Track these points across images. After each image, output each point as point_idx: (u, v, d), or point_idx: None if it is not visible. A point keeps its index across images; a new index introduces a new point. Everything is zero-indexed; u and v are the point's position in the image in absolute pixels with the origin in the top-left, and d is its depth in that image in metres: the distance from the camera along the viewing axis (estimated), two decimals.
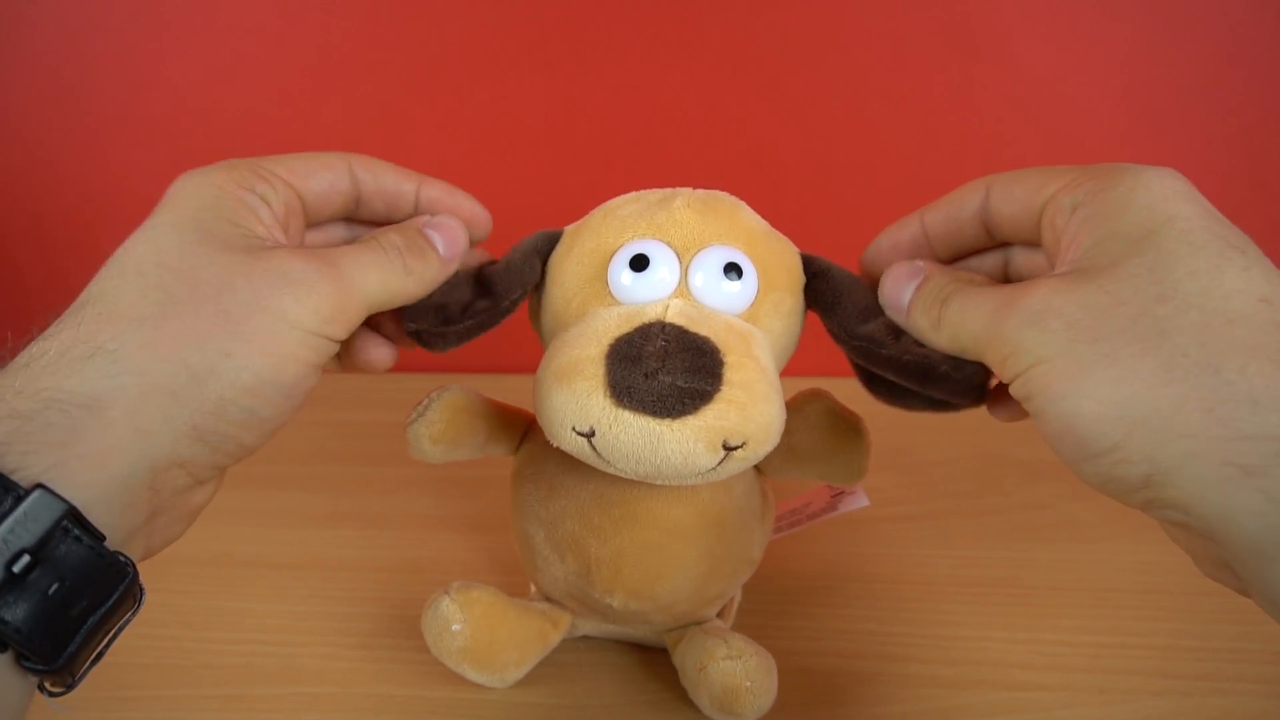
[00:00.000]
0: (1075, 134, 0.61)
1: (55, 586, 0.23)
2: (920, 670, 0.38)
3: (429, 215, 0.33)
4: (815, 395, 0.34)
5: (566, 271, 0.32)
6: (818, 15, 0.59)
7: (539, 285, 0.33)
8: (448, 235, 0.32)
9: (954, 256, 0.33)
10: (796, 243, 0.33)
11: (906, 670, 0.38)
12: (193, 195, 0.29)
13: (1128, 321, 0.24)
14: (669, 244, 0.30)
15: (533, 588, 0.39)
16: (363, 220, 0.34)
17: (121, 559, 0.24)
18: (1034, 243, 0.30)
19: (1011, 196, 0.30)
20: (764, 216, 0.33)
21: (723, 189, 0.33)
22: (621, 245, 0.31)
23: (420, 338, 0.33)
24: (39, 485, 0.22)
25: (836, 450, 0.34)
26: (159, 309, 0.26)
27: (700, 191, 0.32)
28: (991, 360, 0.27)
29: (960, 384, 0.29)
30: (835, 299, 0.31)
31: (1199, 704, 0.36)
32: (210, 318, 0.26)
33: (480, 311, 0.32)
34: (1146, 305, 0.24)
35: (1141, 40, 0.58)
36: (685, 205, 0.31)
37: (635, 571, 0.33)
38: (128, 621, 0.25)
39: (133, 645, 0.39)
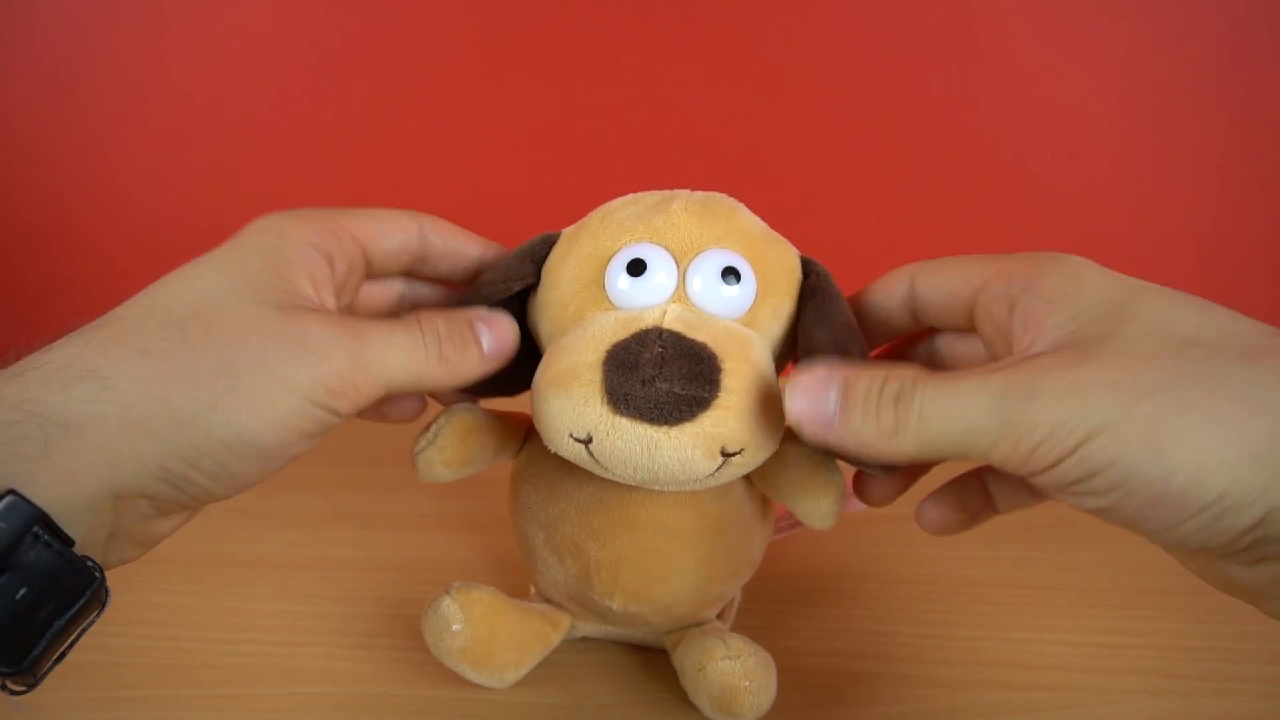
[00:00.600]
0: (1075, 134, 0.61)
1: (23, 592, 0.23)
2: (920, 670, 0.38)
3: (488, 311, 0.32)
4: (792, 434, 0.32)
5: (563, 275, 0.31)
6: (818, 15, 0.59)
7: (535, 288, 0.33)
8: (496, 331, 0.31)
9: (883, 341, 0.33)
10: (796, 244, 0.33)
11: (906, 670, 0.38)
12: (257, 239, 0.29)
13: (1174, 370, 0.22)
14: (666, 248, 0.30)
15: (532, 589, 0.39)
16: (424, 277, 0.35)
17: (89, 563, 0.24)
18: (963, 329, 0.30)
19: (937, 288, 0.30)
20: (763, 217, 0.33)
21: (722, 190, 0.33)
22: (619, 249, 0.30)
23: None
24: (10, 491, 0.22)
25: (804, 496, 0.32)
26: (166, 346, 0.25)
27: (698, 194, 0.32)
28: (1006, 452, 0.23)
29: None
30: (806, 301, 0.31)
31: (1199, 704, 0.36)
32: (211, 367, 0.25)
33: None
34: (1180, 352, 0.23)
35: (1141, 40, 0.58)
36: (683, 208, 0.31)
37: (634, 575, 0.33)
38: (92, 623, 0.25)
39: (133, 645, 0.40)
